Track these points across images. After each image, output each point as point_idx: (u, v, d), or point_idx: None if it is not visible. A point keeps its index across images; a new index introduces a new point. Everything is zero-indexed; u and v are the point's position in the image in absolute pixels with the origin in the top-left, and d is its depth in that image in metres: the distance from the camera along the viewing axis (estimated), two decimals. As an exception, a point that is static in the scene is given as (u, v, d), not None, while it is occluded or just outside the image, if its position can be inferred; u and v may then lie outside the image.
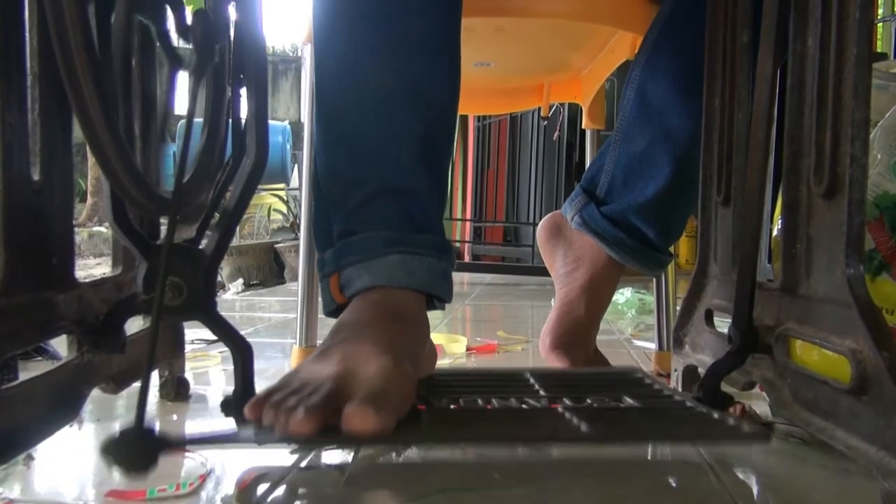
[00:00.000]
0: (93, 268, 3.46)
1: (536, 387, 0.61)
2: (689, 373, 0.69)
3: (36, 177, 0.47)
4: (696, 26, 0.71)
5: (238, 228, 0.58)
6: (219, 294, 0.65)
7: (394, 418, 0.46)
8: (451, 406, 0.56)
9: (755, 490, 0.53)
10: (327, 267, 0.65)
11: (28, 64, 0.46)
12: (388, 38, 0.64)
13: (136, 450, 0.40)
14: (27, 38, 0.46)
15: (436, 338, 1.17)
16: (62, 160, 0.49)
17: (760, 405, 0.70)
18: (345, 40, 0.65)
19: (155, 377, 0.74)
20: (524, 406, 0.55)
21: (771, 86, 0.54)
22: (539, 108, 1.27)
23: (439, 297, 0.65)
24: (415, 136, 0.64)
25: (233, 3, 0.55)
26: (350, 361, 0.51)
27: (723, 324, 0.62)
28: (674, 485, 0.52)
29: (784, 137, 0.53)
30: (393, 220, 0.63)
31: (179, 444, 0.43)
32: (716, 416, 0.50)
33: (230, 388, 0.55)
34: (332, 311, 0.65)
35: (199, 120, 0.55)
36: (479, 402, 0.56)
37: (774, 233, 0.65)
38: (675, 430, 0.48)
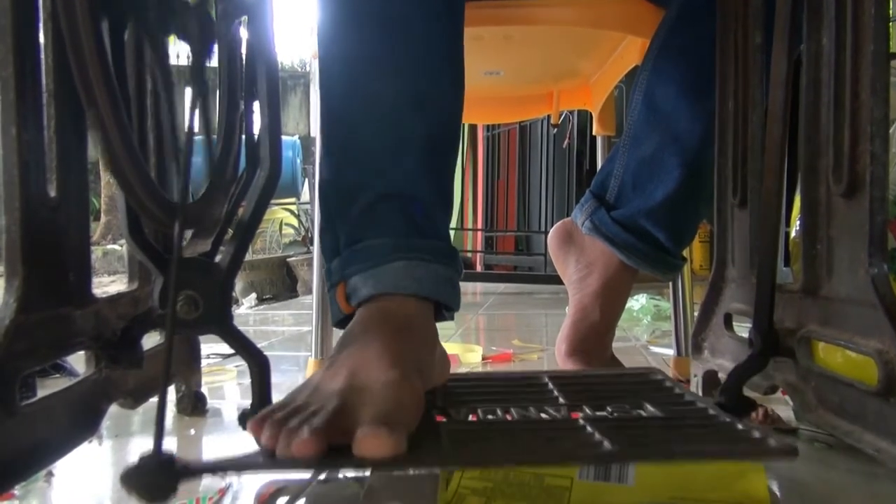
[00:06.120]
0: (107, 285, 3.48)
1: (555, 392, 0.60)
2: (709, 378, 0.69)
3: (52, 193, 0.47)
4: (702, 29, 0.71)
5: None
6: (233, 309, 0.65)
7: (405, 438, 0.45)
8: (470, 416, 0.55)
9: (780, 495, 0.52)
10: (333, 276, 0.64)
11: (43, 82, 0.46)
12: (391, 46, 0.64)
13: (156, 478, 0.40)
14: (42, 57, 0.46)
15: (451, 348, 1.16)
16: (77, 177, 0.50)
17: (783, 409, 0.69)
18: (348, 49, 0.65)
19: (172, 392, 0.74)
20: (543, 416, 0.55)
21: (785, 86, 0.53)
22: (549, 116, 1.26)
23: (447, 304, 0.64)
24: (419, 143, 0.64)
25: (244, 18, 0.55)
26: (356, 377, 0.50)
27: (742, 328, 0.62)
28: (698, 492, 0.52)
29: (800, 138, 0.53)
30: (397, 227, 0.63)
31: (198, 472, 0.43)
32: (740, 427, 0.49)
33: (246, 402, 0.55)
34: (341, 322, 0.64)
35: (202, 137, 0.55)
36: (498, 411, 0.56)
37: (792, 235, 0.64)
38: (699, 448, 0.47)
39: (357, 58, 0.64)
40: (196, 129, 0.44)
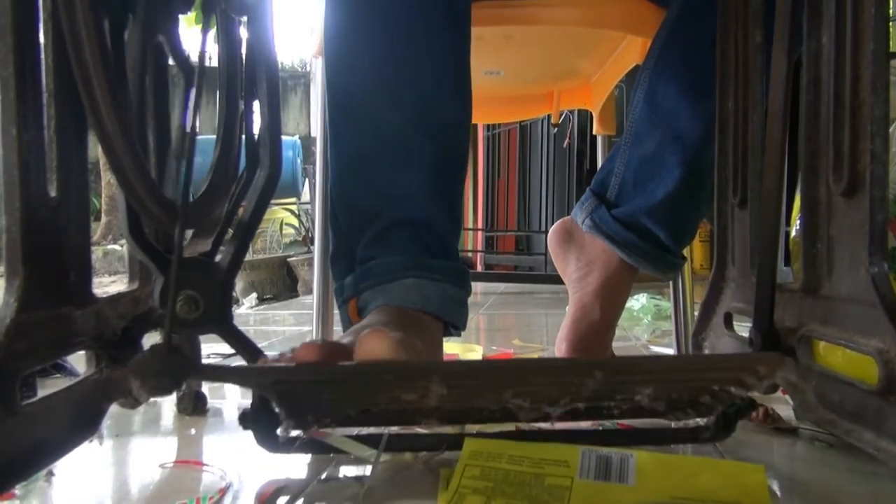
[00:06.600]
0: (108, 286, 3.49)
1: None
2: (710, 377, 0.69)
3: (53, 193, 0.47)
4: (704, 29, 0.71)
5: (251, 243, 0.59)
6: (233, 308, 0.65)
7: (404, 353, 0.47)
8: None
9: (780, 494, 0.52)
10: (346, 292, 0.66)
11: (43, 82, 0.46)
12: (398, 71, 0.65)
13: (164, 366, 0.41)
14: (42, 57, 0.46)
15: (451, 347, 1.16)
16: (78, 177, 0.50)
17: (783, 409, 0.69)
18: (357, 75, 0.66)
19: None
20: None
21: (785, 86, 0.53)
22: (549, 116, 1.26)
23: (453, 324, 0.65)
24: (428, 167, 0.65)
25: (244, 18, 0.55)
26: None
27: (742, 327, 0.62)
28: (698, 491, 0.52)
29: (800, 137, 0.53)
30: (410, 249, 0.65)
31: (204, 372, 0.44)
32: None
33: (246, 402, 0.55)
34: None
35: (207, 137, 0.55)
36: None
37: (792, 234, 0.64)
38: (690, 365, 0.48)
39: (365, 86, 0.66)
40: (195, 129, 0.44)
